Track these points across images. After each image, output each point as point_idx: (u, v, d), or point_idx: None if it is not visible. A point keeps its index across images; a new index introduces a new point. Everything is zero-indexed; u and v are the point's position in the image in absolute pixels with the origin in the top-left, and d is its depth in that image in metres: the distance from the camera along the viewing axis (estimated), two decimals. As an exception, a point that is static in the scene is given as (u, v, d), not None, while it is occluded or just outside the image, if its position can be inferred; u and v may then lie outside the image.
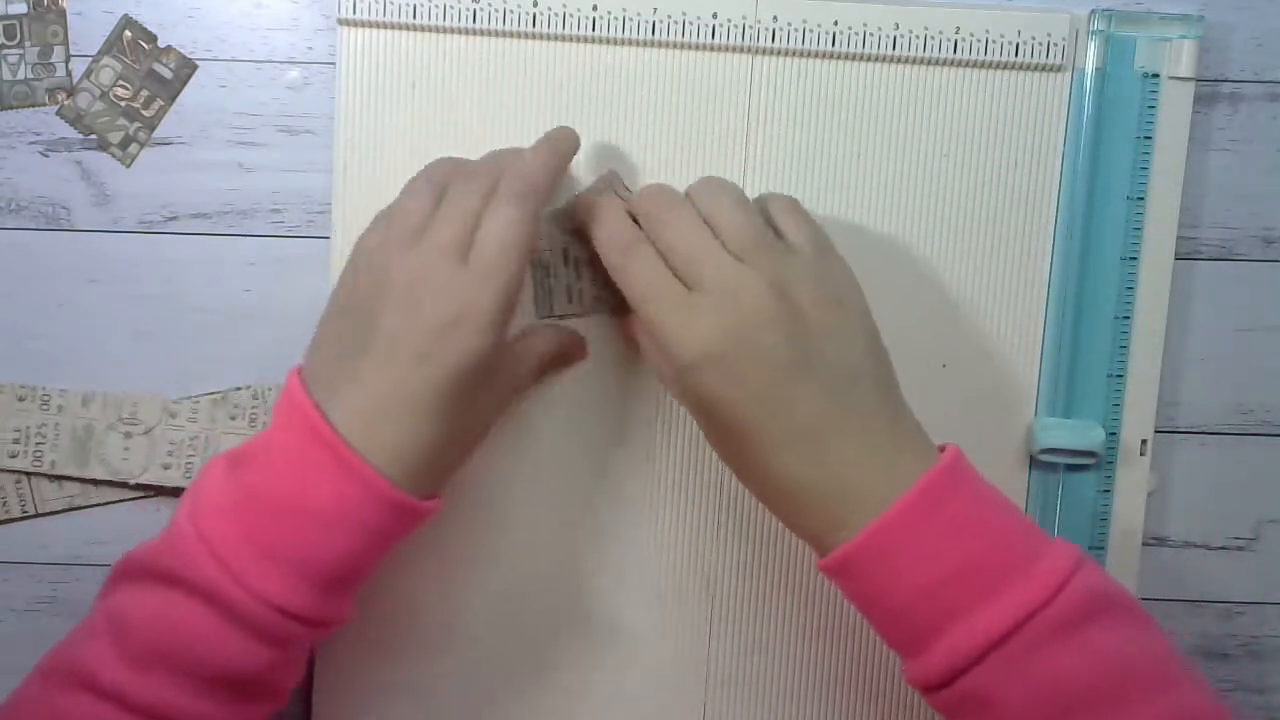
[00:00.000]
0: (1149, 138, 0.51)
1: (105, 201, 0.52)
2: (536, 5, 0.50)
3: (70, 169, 0.51)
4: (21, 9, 0.51)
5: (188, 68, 0.51)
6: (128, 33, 0.51)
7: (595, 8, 0.50)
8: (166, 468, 0.52)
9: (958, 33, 0.50)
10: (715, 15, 0.50)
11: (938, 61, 0.51)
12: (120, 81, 0.51)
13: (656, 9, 0.50)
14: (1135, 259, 0.52)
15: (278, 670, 0.43)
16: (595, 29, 0.50)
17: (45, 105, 0.51)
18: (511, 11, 0.50)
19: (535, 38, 0.50)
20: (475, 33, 0.50)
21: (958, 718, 0.42)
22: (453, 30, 0.50)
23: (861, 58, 0.51)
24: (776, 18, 0.50)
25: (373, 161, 0.51)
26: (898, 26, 0.50)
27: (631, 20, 0.50)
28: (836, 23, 0.50)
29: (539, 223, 0.45)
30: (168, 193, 0.52)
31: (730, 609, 0.53)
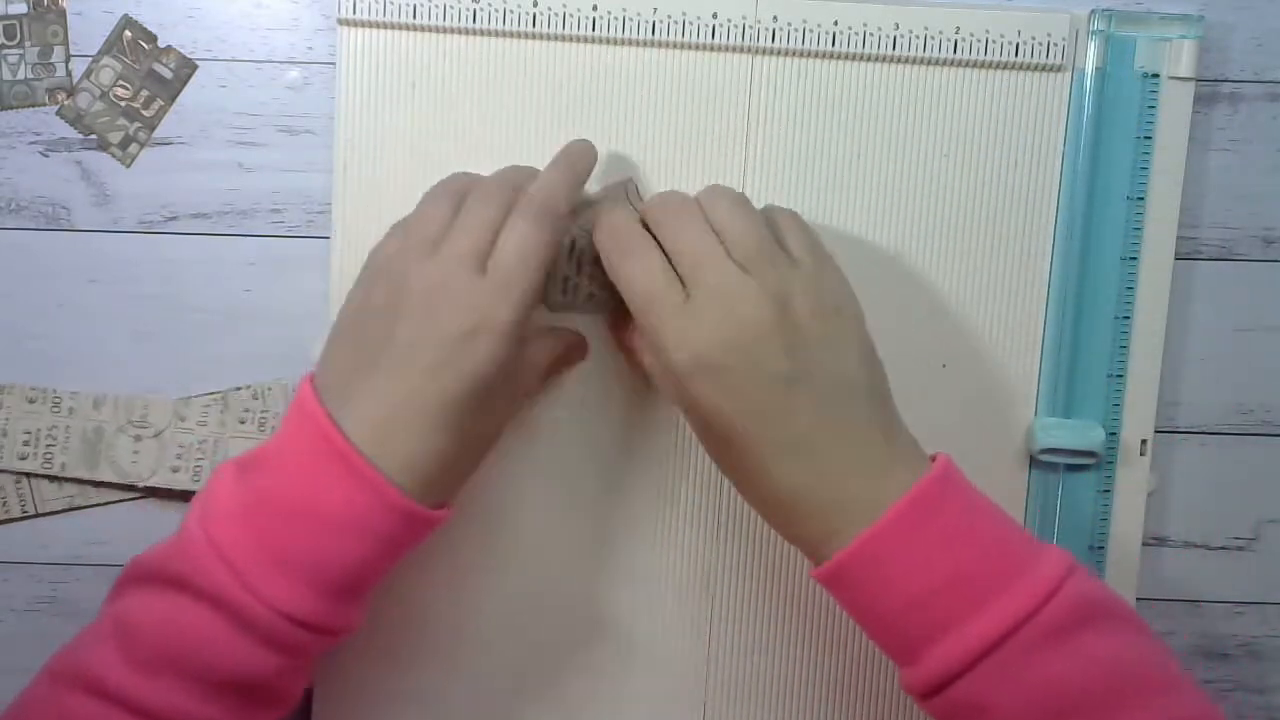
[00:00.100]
0: (1149, 138, 0.51)
1: (105, 201, 0.52)
2: (536, 5, 0.50)
3: (70, 169, 0.51)
4: (21, 9, 0.51)
5: (188, 68, 0.51)
6: (128, 33, 0.51)
7: (595, 8, 0.50)
8: (175, 470, 0.52)
9: (958, 33, 0.50)
10: (715, 15, 0.50)
11: (938, 61, 0.51)
12: (120, 81, 0.51)
13: (656, 9, 0.50)
14: (1135, 259, 0.52)
15: (285, 677, 0.43)
16: (595, 29, 0.50)
17: (45, 105, 0.51)
18: (511, 11, 0.50)
19: (535, 38, 0.50)
20: (475, 33, 0.50)
21: None
22: (453, 30, 0.50)
23: (861, 58, 0.51)
24: (776, 18, 0.50)
25: (373, 161, 0.51)
26: (898, 26, 0.50)
27: (631, 20, 0.50)
28: (836, 23, 0.50)
29: (558, 237, 0.45)
30: (168, 193, 0.52)
31: (730, 609, 0.53)
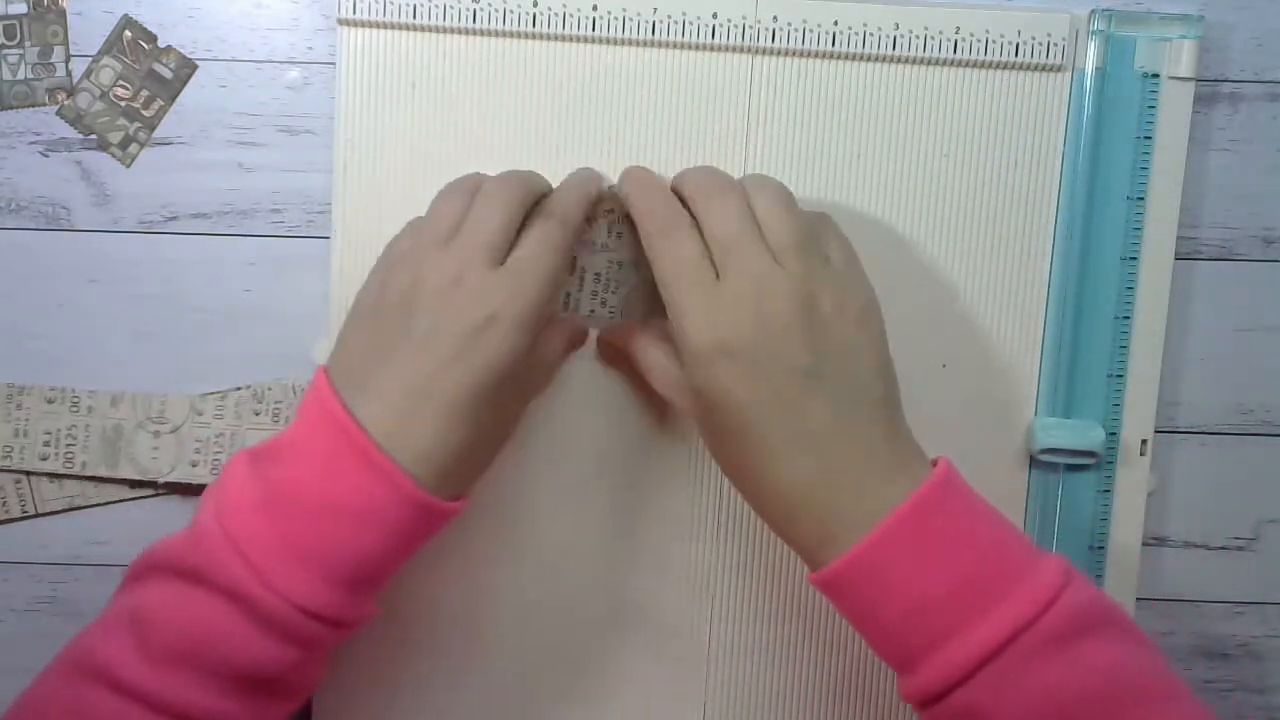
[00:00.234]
0: (1149, 138, 0.51)
1: (105, 201, 0.52)
2: (536, 5, 0.50)
3: (70, 169, 0.51)
4: (21, 9, 0.51)
5: (188, 68, 0.51)
6: (128, 33, 0.51)
7: (595, 8, 0.50)
8: (194, 465, 0.52)
9: (958, 33, 0.50)
10: (715, 15, 0.50)
11: (938, 61, 0.51)
12: (120, 81, 0.51)
13: (656, 9, 0.50)
14: (1135, 259, 0.52)
15: (301, 669, 0.43)
16: (595, 29, 0.50)
17: (45, 105, 0.51)
18: (511, 11, 0.50)
19: (535, 38, 0.50)
20: (475, 33, 0.50)
21: None
22: (453, 30, 0.50)
23: (861, 58, 0.51)
24: (776, 18, 0.50)
25: (373, 161, 0.51)
26: (898, 26, 0.50)
27: (631, 20, 0.50)
28: (836, 23, 0.50)
29: (574, 240, 0.45)
30: (168, 193, 0.52)
31: (730, 609, 0.53)
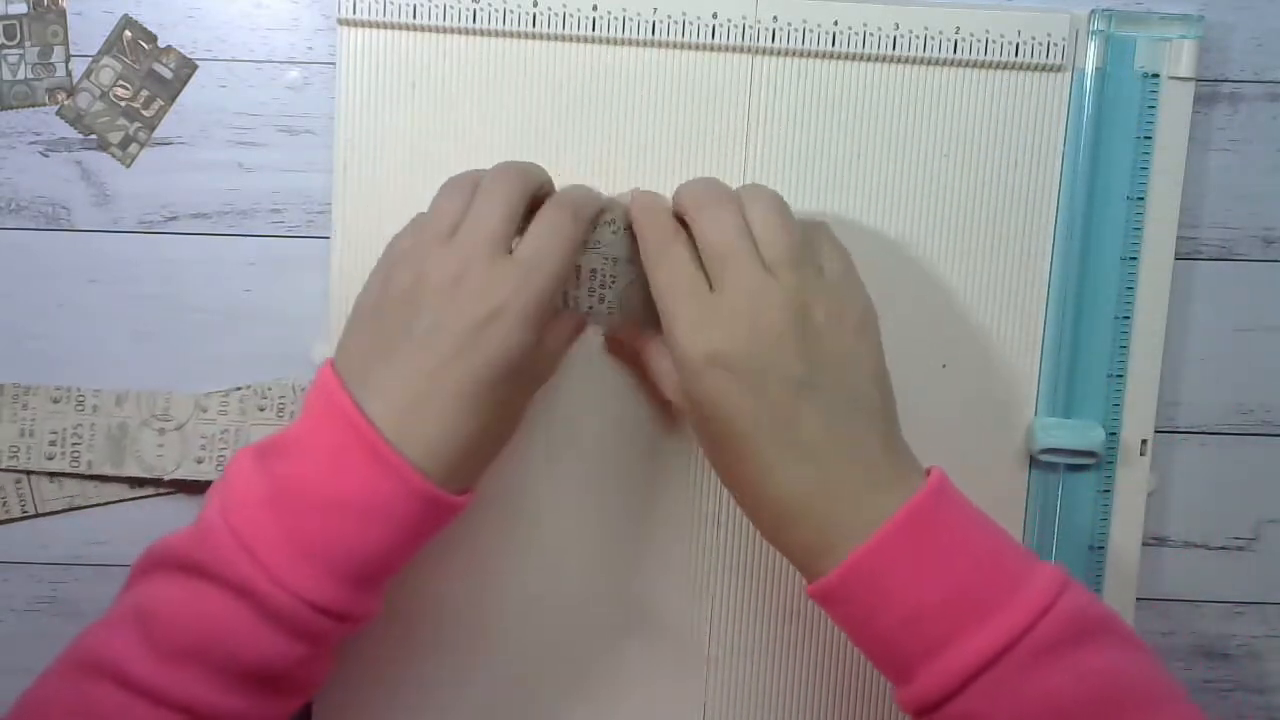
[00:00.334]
0: (1149, 138, 0.51)
1: (105, 201, 0.52)
2: (536, 5, 0.50)
3: (70, 169, 0.51)
4: (21, 9, 0.51)
5: (188, 68, 0.51)
6: (128, 33, 0.51)
7: (595, 8, 0.50)
8: (199, 462, 0.52)
9: (958, 33, 0.50)
10: (715, 15, 0.50)
11: (938, 61, 0.51)
12: (120, 81, 0.51)
13: (656, 9, 0.50)
14: (1135, 259, 0.52)
15: (306, 665, 0.43)
16: (595, 29, 0.50)
17: (45, 105, 0.51)
18: (511, 11, 0.50)
19: (535, 38, 0.50)
20: (475, 33, 0.50)
21: None
22: (453, 30, 0.50)
23: (861, 58, 0.51)
24: (776, 18, 0.50)
25: (373, 161, 0.51)
26: (898, 26, 0.50)
27: (631, 20, 0.50)
28: (836, 23, 0.50)
29: (584, 234, 0.45)
30: (168, 193, 0.52)
31: (730, 609, 0.53)
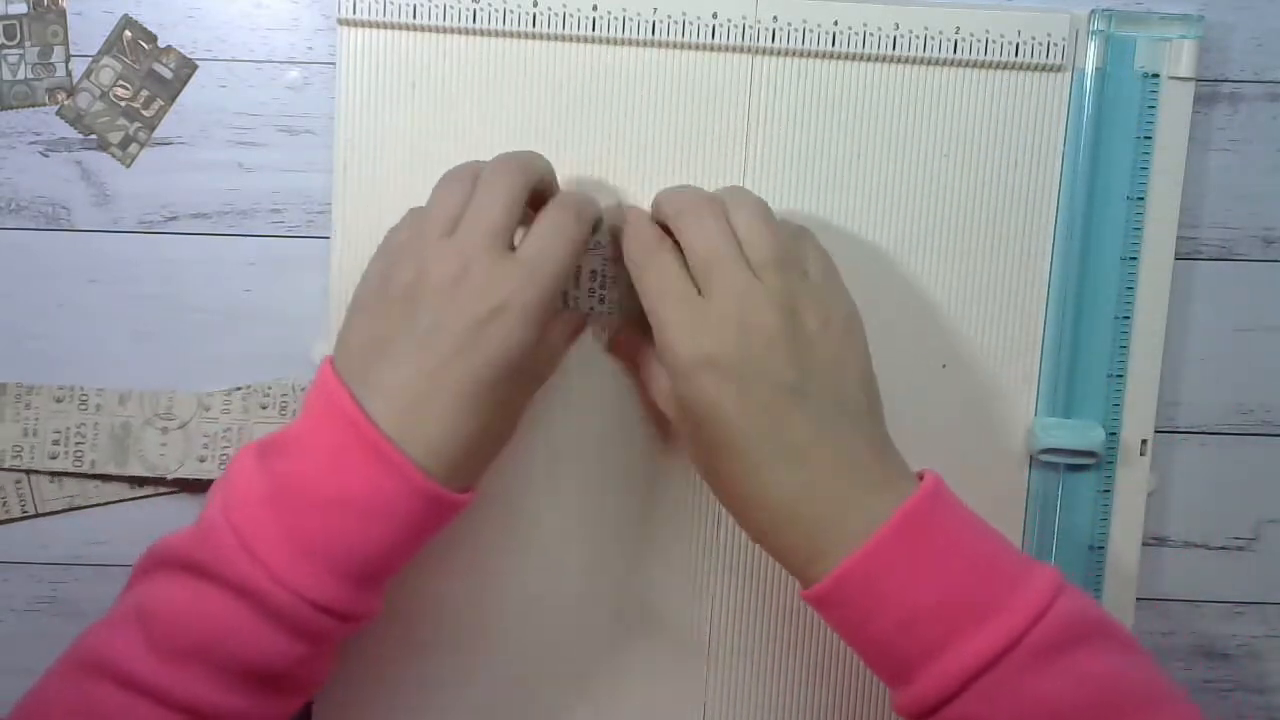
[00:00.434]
0: (1149, 138, 0.51)
1: (105, 201, 0.52)
2: (536, 5, 0.50)
3: (70, 169, 0.51)
4: (21, 9, 0.51)
5: (188, 68, 0.51)
6: (128, 33, 0.51)
7: (595, 8, 0.50)
8: (202, 460, 0.52)
9: (958, 33, 0.50)
10: (715, 15, 0.50)
11: (938, 61, 0.51)
12: (120, 81, 0.51)
13: (656, 9, 0.50)
14: (1135, 259, 0.52)
15: (309, 664, 0.43)
16: (595, 29, 0.50)
17: (45, 105, 0.51)
18: (511, 11, 0.50)
19: (535, 38, 0.50)
20: (475, 33, 0.50)
21: None
22: (453, 30, 0.50)
23: (861, 58, 0.51)
24: (776, 18, 0.50)
25: (373, 161, 0.51)
26: (898, 26, 0.50)
27: (631, 20, 0.50)
28: (836, 23, 0.50)
29: (588, 232, 0.45)
30: (168, 193, 0.52)
31: (730, 609, 0.53)
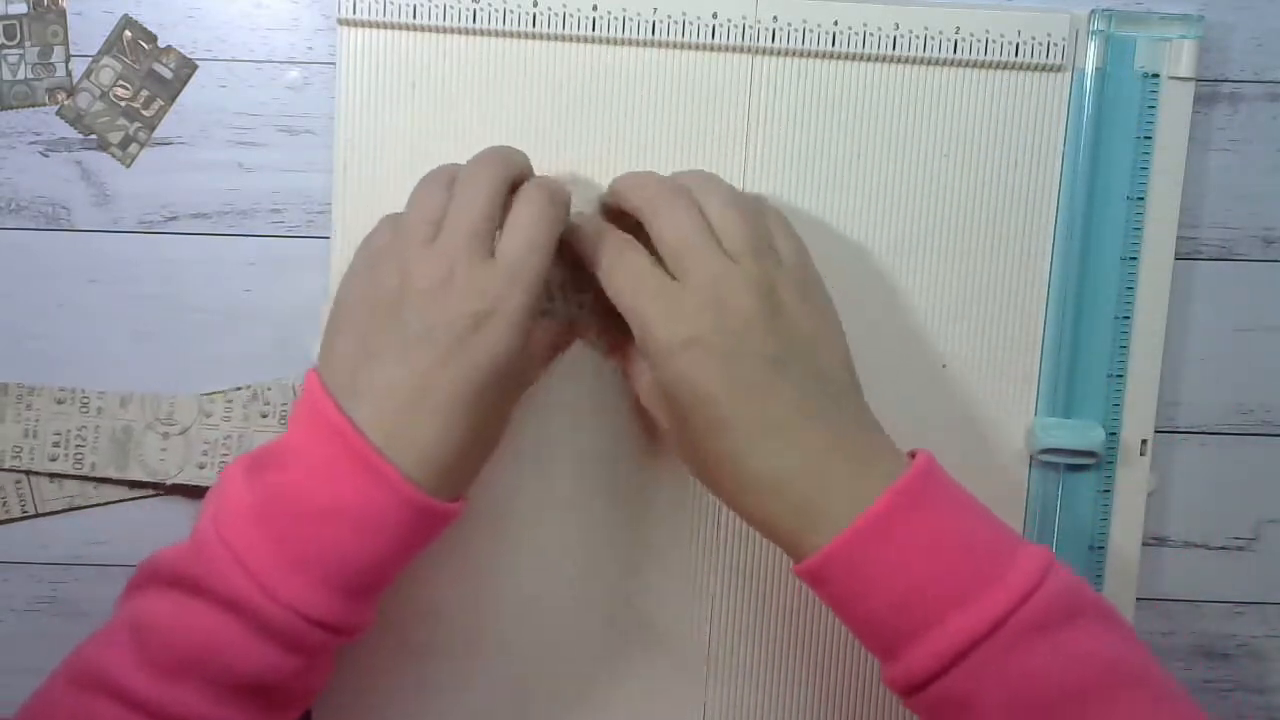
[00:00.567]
0: (1149, 138, 0.51)
1: (105, 201, 0.52)
2: (536, 5, 0.50)
3: (70, 169, 0.51)
4: (21, 9, 0.51)
5: (188, 68, 0.51)
6: (128, 33, 0.51)
7: (595, 8, 0.50)
8: (201, 467, 0.52)
9: (958, 33, 0.50)
10: (715, 15, 0.50)
11: (938, 61, 0.51)
12: (120, 81, 0.51)
13: (656, 9, 0.50)
14: (1135, 259, 0.52)
15: (302, 677, 0.43)
16: (595, 29, 0.50)
17: (45, 105, 0.51)
18: (511, 11, 0.50)
19: (535, 38, 0.50)
20: (475, 33, 0.50)
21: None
22: (453, 30, 0.50)
23: (861, 58, 0.51)
24: (776, 18, 0.50)
25: (373, 161, 0.51)
26: (898, 26, 0.50)
27: (631, 20, 0.50)
28: (836, 23, 0.50)
29: (561, 226, 0.45)
30: (168, 193, 0.52)
31: (730, 609, 0.53)
